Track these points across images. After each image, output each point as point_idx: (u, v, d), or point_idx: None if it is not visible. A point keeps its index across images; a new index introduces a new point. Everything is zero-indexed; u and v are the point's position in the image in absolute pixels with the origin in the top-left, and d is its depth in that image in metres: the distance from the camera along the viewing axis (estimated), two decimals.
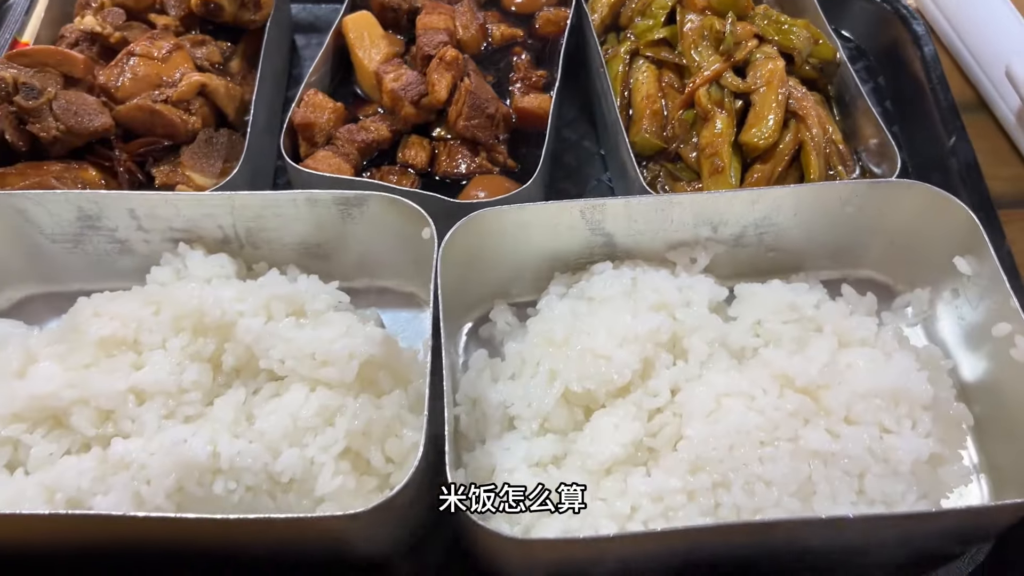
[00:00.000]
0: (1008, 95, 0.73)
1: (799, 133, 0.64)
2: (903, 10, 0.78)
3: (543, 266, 0.62)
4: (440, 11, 0.71)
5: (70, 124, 0.63)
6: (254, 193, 0.59)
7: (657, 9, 0.70)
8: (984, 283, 0.57)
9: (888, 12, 0.79)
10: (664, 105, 0.67)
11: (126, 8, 0.71)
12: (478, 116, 0.65)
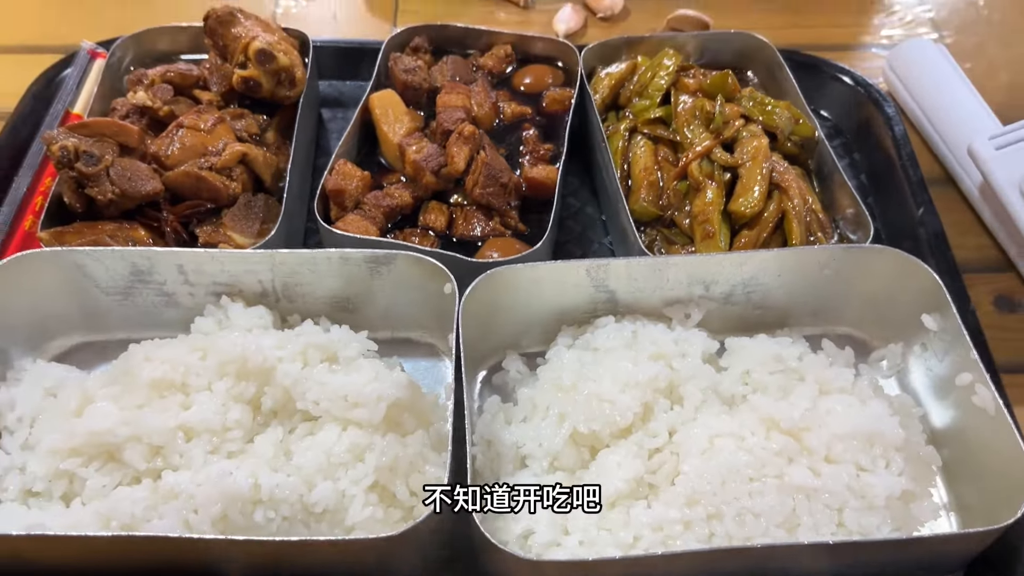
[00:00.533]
0: (971, 171, 0.80)
1: (782, 203, 0.71)
2: (875, 93, 0.86)
3: (551, 320, 0.69)
4: (458, 91, 0.78)
5: (124, 188, 0.70)
6: (293, 251, 0.65)
7: (653, 91, 0.78)
8: (948, 338, 0.63)
9: (862, 95, 0.87)
10: (660, 177, 0.74)
11: (174, 85, 0.78)
12: (493, 185, 0.72)
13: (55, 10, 1.00)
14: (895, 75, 0.90)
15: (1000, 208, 0.75)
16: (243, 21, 0.80)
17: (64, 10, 1.00)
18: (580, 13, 0.98)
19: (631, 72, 0.82)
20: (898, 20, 1.00)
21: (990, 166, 0.75)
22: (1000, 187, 0.74)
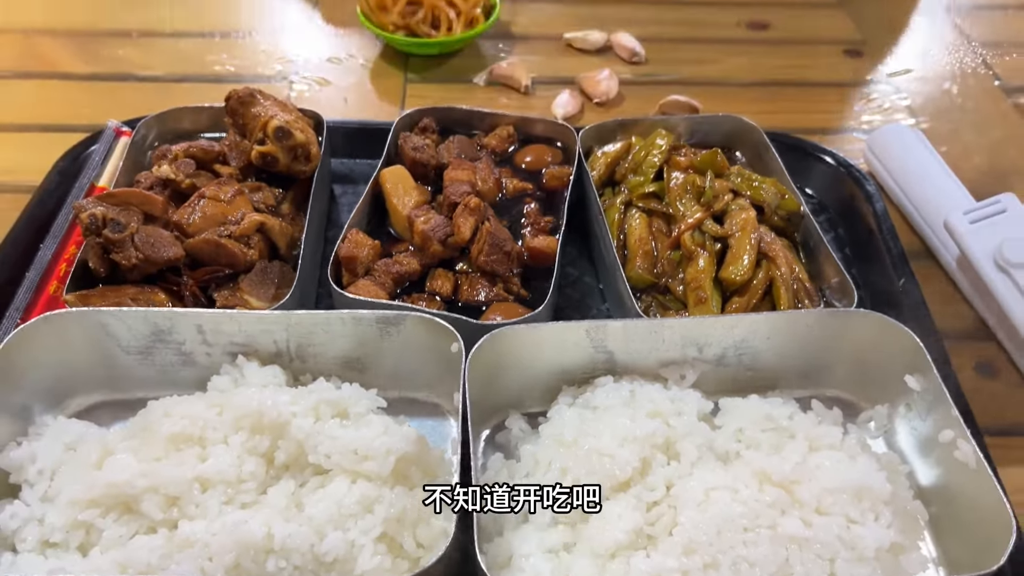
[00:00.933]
0: (949, 245, 0.85)
1: (770, 271, 0.75)
2: (856, 173, 0.92)
3: (553, 380, 0.72)
4: (463, 167, 0.83)
5: (148, 254, 0.74)
6: (308, 312, 0.69)
7: (647, 168, 0.83)
8: (930, 398, 0.66)
9: (844, 174, 0.92)
10: (654, 247, 0.79)
11: (195, 159, 0.83)
12: (496, 253, 0.76)
13: (83, 93, 1.06)
14: (875, 156, 0.95)
15: (977, 279, 0.80)
16: (262, 101, 0.85)
17: (92, 93, 1.06)
18: (577, 98, 1.04)
19: (626, 151, 0.87)
20: (876, 107, 1.06)
21: (966, 239, 0.79)
22: (976, 259, 0.78)
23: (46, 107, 1.04)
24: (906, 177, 0.91)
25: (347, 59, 1.12)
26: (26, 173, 0.92)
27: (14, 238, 0.84)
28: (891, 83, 1.10)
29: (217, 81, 1.07)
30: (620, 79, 1.08)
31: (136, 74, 1.09)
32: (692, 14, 1.23)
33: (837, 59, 1.14)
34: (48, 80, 1.08)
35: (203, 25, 1.18)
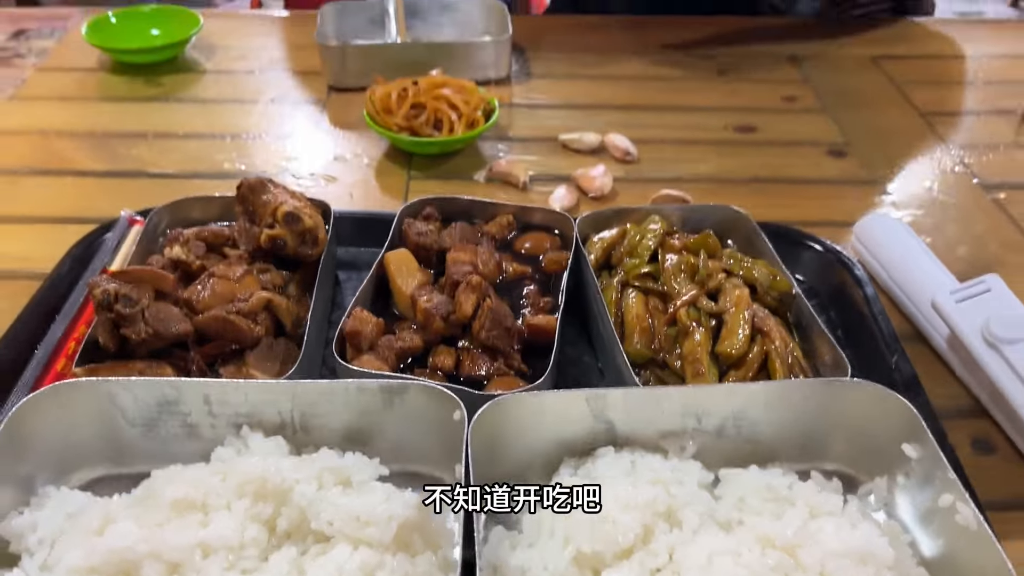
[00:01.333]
0: (938, 326, 0.87)
1: (764, 345, 0.77)
2: (845, 258, 0.95)
3: (554, 452, 0.72)
4: (465, 249, 0.86)
5: (157, 328, 0.75)
6: (313, 381, 0.70)
7: (642, 250, 0.86)
8: (928, 464, 0.67)
9: (833, 260, 0.95)
10: (651, 324, 0.81)
11: (206, 243, 0.86)
12: (497, 328, 0.78)
13: (97, 188, 1.10)
14: (862, 244, 0.98)
15: (967, 356, 0.81)
16: (272, 189, 0.89)
17: (106, 188, 1.10)
18: (573, 193, 1.08)
19: (621, 237, 0.90)
20: (861, 202, 1.11)
21: (954, 317, 0.81)
22: (964, 336, 0.80)
23: (61, 201, 1.08)
24: (893, 263, 0.94)
25: (353, 158, 1.17)
26: (40, 261, 0.94)
27: (24, 318, 0.86)
28: (874, 180, 1.15)
29: (226, 177, 1.11)
30: (614, 176, 1.12)
31: (149, 171, 1.14)
32: (682, 118, 1.29)
33: (821, 158, 1.19)
34: (64, 176, 1.13)
35: (214, 128, 1.24)
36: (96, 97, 1.31)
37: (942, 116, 1.31)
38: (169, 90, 1.33)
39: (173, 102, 1.30)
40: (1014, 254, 1.03)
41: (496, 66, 1.33)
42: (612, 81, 1.38)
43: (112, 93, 1.32)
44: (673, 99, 1.34)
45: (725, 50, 1.48)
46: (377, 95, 1.16)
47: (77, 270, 0.92)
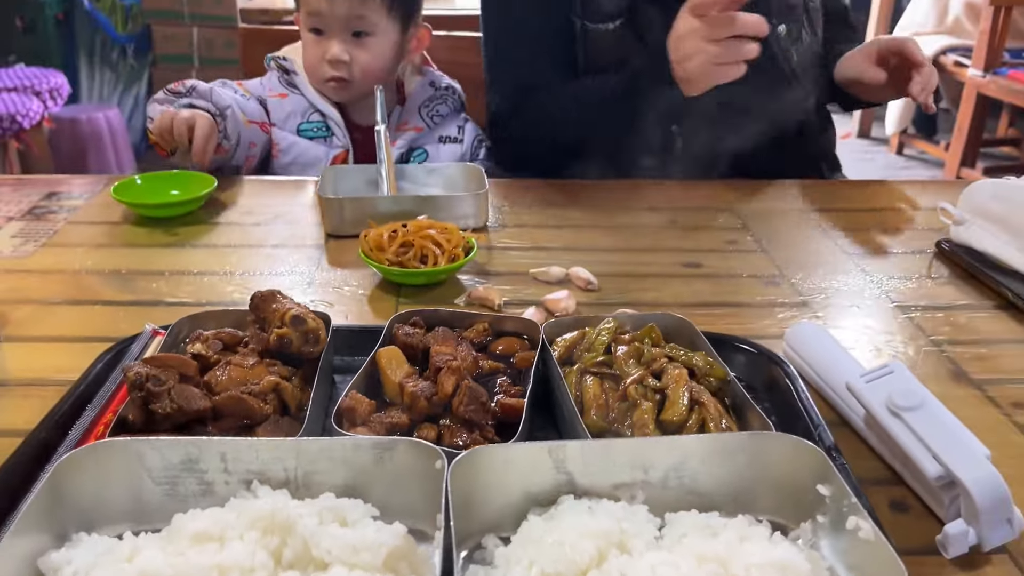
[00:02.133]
0: (856, 408, 1.00)
1: (702, 414, 0.90)
2: (776, 358, 1.09)
3: (522, 505, 0.83)
4: (447, 343, 1.00)
5: (181, 405, 0.88)
6: (315, 439, 0.82)
7: (598, 344, 1.00)
8: (838, 499, 0.79)
9: (766, 359, 1.09)
10: (606, 400, 0.94)
11: (223, 342, 1.00)
12: (474, 404, 0.91)
13: (122, 314, 1.25)
14: (791, 348, 1.13)
15: (879, 428, 0.95)
16: (281, 299, 1.04)
17: (129, 313, 1.25)
18: (542, 313, 1.24)
19: (581, 337, 1.05)
20: (792, 317, 1.26)
21: (864, 394, 0.95)
22: (873, 408, 0.94)
23: (90, 324, 1.22)
24: (817, 360, 1.09)
25: (348, 289, 1.33)
26: (71, 371, 1.07)
27: (55, 412, 0.98)
28: (804, 303, 1.31)
29: (236, 305, 1.25)
30: (577, 301, 1.28)
31: (166, 300, 1.29)
32: (637, 257, 1.47)
33: (759, 287, 1.36)
34: (93, 305, 1.27)
35: (224, 267, 1.40)
36: (120, 244, 1.48)
37: (866, 256, 1.49)
38: (185, 238, 1.51)
39: (188, 248, 1.48)
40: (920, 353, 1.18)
41: (475, 216, 1.53)
42: (576, 229, 1.58)
43: (135, 241, 1.50)
44: (630, 242, 1.53)
45: (678, 205, 1.69)
46: (371, 235, 1.34)
47: (106, 371, 1.04)
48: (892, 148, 6.15)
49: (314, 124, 1.85)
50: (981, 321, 1.29)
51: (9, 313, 1.25)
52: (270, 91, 1.88)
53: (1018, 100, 4.68)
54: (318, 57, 1.73)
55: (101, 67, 6.16)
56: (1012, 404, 1.09)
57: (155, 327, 1.11)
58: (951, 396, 1.11)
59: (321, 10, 1.69)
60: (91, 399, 0.99)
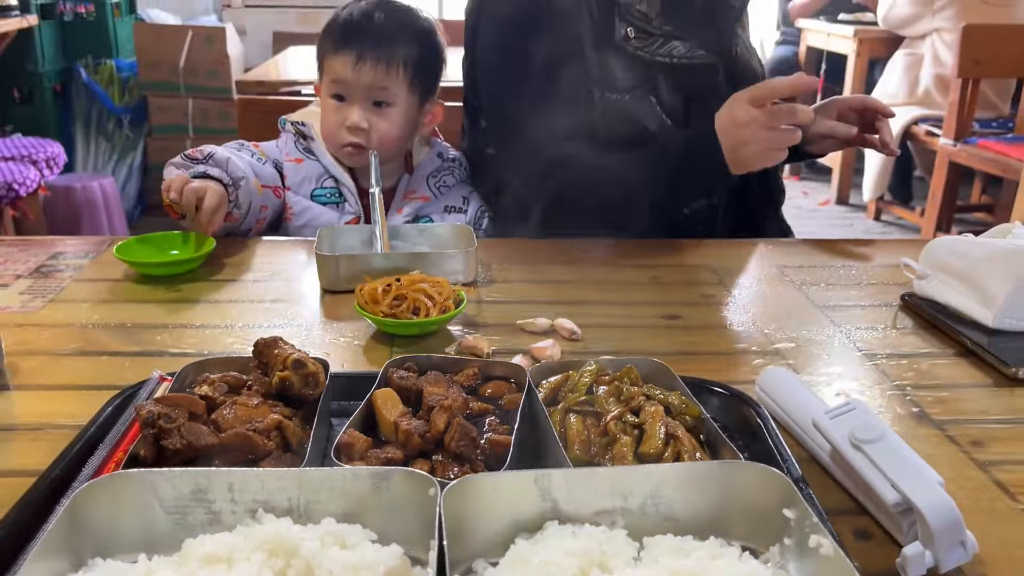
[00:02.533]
0: (823, 444, 1.07)
1: (677, 447, 0.97)
2: (748, 399, 1.16)
3: (510, 533, 0.89)
4: (439, 385, 1.07)
5: (191, 440, 0.94)
6: (317, 469, 0.88)
7: (580, 386, 1.07)
8: (801, 520, 0.85)
9: (739, 401, 1.16)
10: (588, 435, 1.00)
11: (228, 384, 1.06)
12: (465, 439, 0.97)
13: (128, 363, 1.31)
14: (762, 391, 1.21)
15: (843, 462, 1.01)
16: (283, 345, 1.11)
17: (135, 363, 1.31)
18: (528, 360, 1.31)
19: (565, 380, 1.12)
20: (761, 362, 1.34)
21: (829, 430, 1.02)
22: (836, 442, 1.00)
23: (98, 373, 1.28)
24: (786, 401, 1.16)
25: (344, 340, 1.40)
26: (81, 416, 1.13)
27: (68, 451, 1.03)
28: (776, 351, 1.39)
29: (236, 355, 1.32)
30: (562, 350, 1.36)
31: (170, 351, 1.35)
32: (620, 310, 1.55)
33: (734, 337, 1.44)
34: (100, 356, 1.34)
35: (225, 320, 1.47)
36: (124, 300, 1.55)
37: (835, 309, 1.58)
38: (186, 294, 1.58)
39: (190, 303, 1.54)
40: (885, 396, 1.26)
41: (464, 272, 1.61)
42: (561, 284, 1.66)
43: (137, 297, 1.56)
44: (613, 297, 1.61)
45: (659, 262, 1.78)
46: (366, 289, 1.41)
47: (115, 415, 1.10)
48: (870, 214, 6.32)
49: (328, 190, 1.94)
50: (942, 367, 1.36)
51: (19, 363, 1.30)
52: (287, 155, 1.96)
53: (989, 168, 4.84)
54: (338, 123, 1.82)
55: (97, 137, 6.29)
56: (970, 443, 1.16)
57: (162, 373, 1.18)
58: (914, 435, 1.18)
59: (347, 78, 1.78)
60: (101, 440, 1.05)
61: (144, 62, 6.07)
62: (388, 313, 1.39)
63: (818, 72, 6.93)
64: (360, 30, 1.84)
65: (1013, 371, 1.31)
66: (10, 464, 1.07)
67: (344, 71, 1.81)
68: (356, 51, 1.80)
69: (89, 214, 5.49)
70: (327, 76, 1.86)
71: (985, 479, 1.09)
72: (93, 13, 6.15)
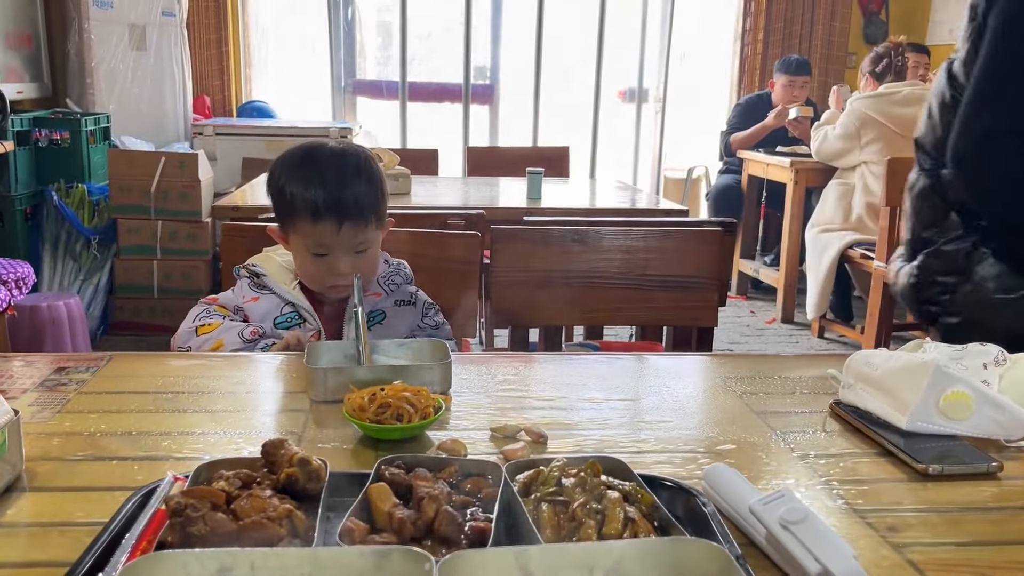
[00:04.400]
0: (759, 528, 1.24)
1: (635, 529, 1.13)
2: (693, 491, 1.33)
3: None
4: (426, 479, 1.23)
5: (213, 527, 1.08)
6: (328, 548, 1.02)
7: (550, 479, 1.24)
8: None
9: (686, 494, 1.33)
10: (558, 520, 1.16)
11: (241, 480, 1.21)
12: (452, 525, 1.12)
13: (137, 468, 1.44)
14: (708, 484, 1.38)
15: (775, 541, 1.18)
16: (288, 447, 1.26)
17: (143, 467, 1.44)
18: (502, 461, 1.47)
19: (536, 475, 1.28)
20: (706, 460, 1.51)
21: (762, 514, 1.19)
22: (768, 524, 1.18)
23: (110, 477, 1.41)
24: (728, 492, 1.33)
25: (333, 444, 1.55)
26: (99, 515, 1.26)
27: (93, 544, 1.16)
28: (719, 452, 1.57)
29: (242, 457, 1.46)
30: (531, 451, 1.52)
31: (175, 455, 1.49)
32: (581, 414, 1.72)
33: (683, 440, 1.62)
34: (111, 461, 1.47)
35: (223, 428, 1.61)
36: (127, 411, 1.69)
37: (772, 415, 1.77)
38: (185, 405, 1.72)
39: (190, 413, 1.68)
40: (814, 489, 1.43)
41: (441, 382, 1.78)
42: (527, 391, 1.83)
43: (140, 408, 1.70)
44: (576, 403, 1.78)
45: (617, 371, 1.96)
46: (353, 397, 1.58)
47: (136, 511, 1.23)
48: (814, 332, 6.63)
49: (287, 315, 2.17)
50: (864, 465, 1.55)
51: (36, 468, 1.43)
52: (243, 299, 2.21)
53: None
54: (323, 272, 2.06)
55: (64, 257, 6.42)
56: (887, 528, 1.34)
57: (175, 474, 1.31)
58: (839, 523, 1.35)
59: (330, 243, 2.01)
60: (124, 533, 1.18)
61: (116, 186, 6.28)
62: (374, 420, 1.54)
63: (759, 199, 7.40)
64: (330, 193, 2.02)
65: (923, 467, 1.50)
66: (40, 557, 1.19)
67: (329, 239, 2.05)
68: (335, 218, 1.95)
69: (53, 333, 5.56)
70: (306, 238, 2.10)
71: (899, 558, 1.26)
72: (68, 140, 6.39)
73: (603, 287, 3.10)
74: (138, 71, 7.27)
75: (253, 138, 7.01)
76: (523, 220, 3.22)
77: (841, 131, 5.61)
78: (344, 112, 8.26)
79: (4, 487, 1.34)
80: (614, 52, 8.43)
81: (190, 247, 6.34)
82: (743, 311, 7.21)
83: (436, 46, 8.62)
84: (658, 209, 4.76)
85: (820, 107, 7.24)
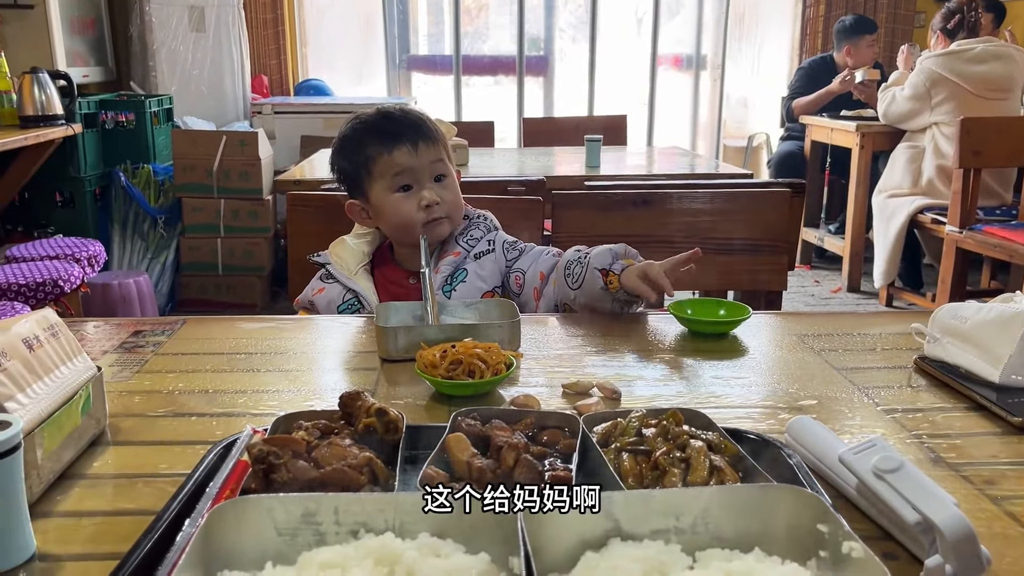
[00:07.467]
0: (848, 479, 1.20)
1: (721, 477, 1.10)
2: (777, 443, 1.29)
3: (577, 550, 1.01)
4: (503, 429, 1.21)
5: (295, 474, 1.08)
6: (408, 493, 1.01)
7: (630, 429, 1.21)
8: (836, 535, 0.97)
9: (769, 446, 1.29)
10: (640, 469, 1.14)
11: (320, 430, 1.21)
12: (532, 473, 1.11)
13: (215, 423, 1.46)
14: (791, 436, 1.34)
15: (869, 493, 1.14)
16: (365, 398, 1.25)
17: (221, 423, 1.46)
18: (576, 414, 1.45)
19: (614, 427, 1.26)
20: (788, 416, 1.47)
21: (853, 463, 1.15)
22: (861, 474, 1.13)
23: (190, 431, 1.43)
24: (813, 444, 1.29)
25: (406, 401, 1.54)
26: (182, 467, 1.27)
27: (178, 493, 1.17)
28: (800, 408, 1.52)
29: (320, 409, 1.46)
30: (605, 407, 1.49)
31: (252, 411, 1.50)
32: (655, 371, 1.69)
33: (762, 397, 1.58)
34: (190, 417, 1.48)
35: (297, 387, 1.62)
36: (203, 371, 1.71)
37: (854, 371, 1.71)
38: (259, 364, 1.73)
39: (264, 372, 1.70)
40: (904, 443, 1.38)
41: (510, 342, 1.76)
42: (600, 350, 1.81)
43: (215, 368, 1.72)
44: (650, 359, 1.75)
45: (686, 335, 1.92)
46: (424, 354, 1.57)
47: (217, 462, 1.24)
48: (882, 300, 6.46)
49: (348, 303, 2.16)
50: (955, 419, 1.49)
51: (119, 424, 1.45)
52: (312, 292, 2.25)
53: (996, 253, 5.02)
54: (413, 208, 1.99)
55: (132, 236, 6.57)
56: (984, 481, 1.28)
57: (254, 427, 1.32)
58: (931, 476, 1.29)
59: (412, 164, 1.99)
60: (207, 482, 1.19)
61: (180, 166, 6.38)
62: (446, 376, 1.53)
63: (823, 165, 7.21)
64: (399, 124, 2.07)
65: (1020, 421, 1.44)
66: (128, 506, 1.21)
67: (408, 160, 2.04)
68: (409, 140, 2.04)
69: (124, 310, 5.71)
70: (385, 175, 2.08)
71: (998, 511, 1.20)
72: (133, 122, 6.52)
73: (667, 252, 3.03)
74: (198, 52, 7.37)
75: (311, 116, 7.06)
76: (584, 186, 3.18)
77: (910, 92, 5.41)
78: (399, 88, 8.29)
79: (90, 441, 1.37)
80: (670, 19, 8.30)
81: (252, 225, 6.43)
82: (807, 280, 7.06)
83: (489, 19, 8.60)
84: (720, 173, 4.61)
85: (887, 70, 7.01)
